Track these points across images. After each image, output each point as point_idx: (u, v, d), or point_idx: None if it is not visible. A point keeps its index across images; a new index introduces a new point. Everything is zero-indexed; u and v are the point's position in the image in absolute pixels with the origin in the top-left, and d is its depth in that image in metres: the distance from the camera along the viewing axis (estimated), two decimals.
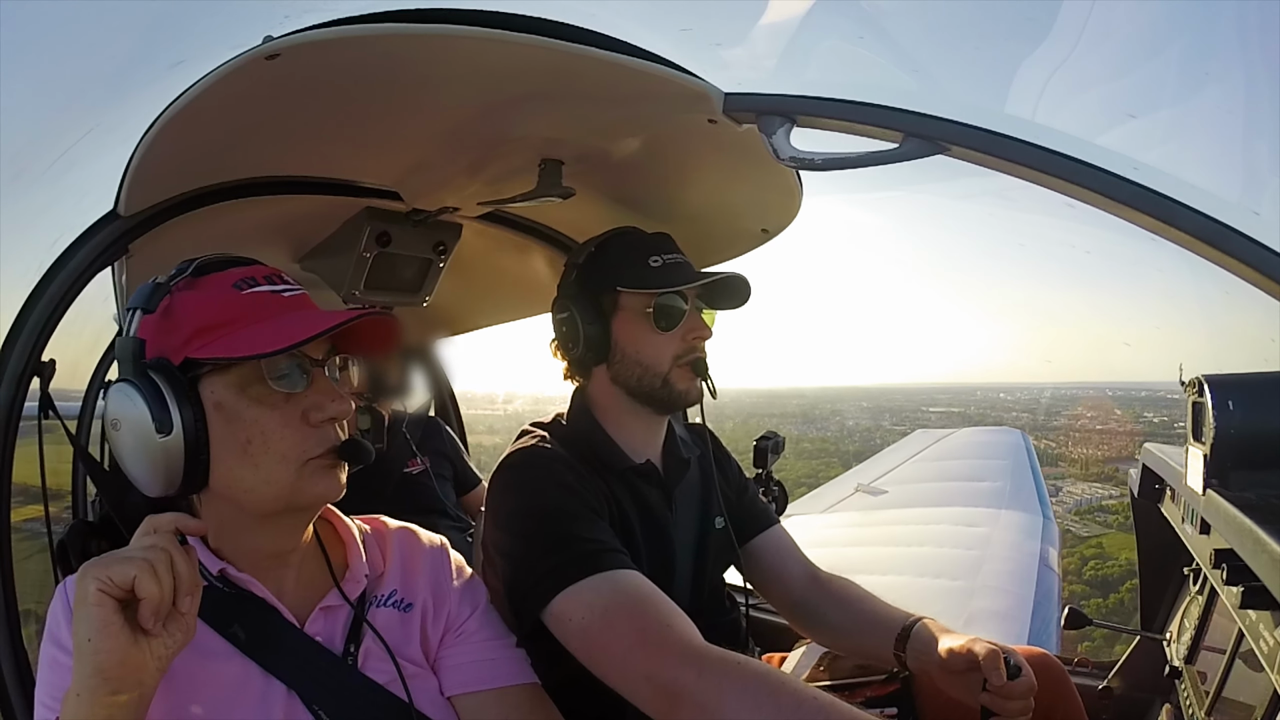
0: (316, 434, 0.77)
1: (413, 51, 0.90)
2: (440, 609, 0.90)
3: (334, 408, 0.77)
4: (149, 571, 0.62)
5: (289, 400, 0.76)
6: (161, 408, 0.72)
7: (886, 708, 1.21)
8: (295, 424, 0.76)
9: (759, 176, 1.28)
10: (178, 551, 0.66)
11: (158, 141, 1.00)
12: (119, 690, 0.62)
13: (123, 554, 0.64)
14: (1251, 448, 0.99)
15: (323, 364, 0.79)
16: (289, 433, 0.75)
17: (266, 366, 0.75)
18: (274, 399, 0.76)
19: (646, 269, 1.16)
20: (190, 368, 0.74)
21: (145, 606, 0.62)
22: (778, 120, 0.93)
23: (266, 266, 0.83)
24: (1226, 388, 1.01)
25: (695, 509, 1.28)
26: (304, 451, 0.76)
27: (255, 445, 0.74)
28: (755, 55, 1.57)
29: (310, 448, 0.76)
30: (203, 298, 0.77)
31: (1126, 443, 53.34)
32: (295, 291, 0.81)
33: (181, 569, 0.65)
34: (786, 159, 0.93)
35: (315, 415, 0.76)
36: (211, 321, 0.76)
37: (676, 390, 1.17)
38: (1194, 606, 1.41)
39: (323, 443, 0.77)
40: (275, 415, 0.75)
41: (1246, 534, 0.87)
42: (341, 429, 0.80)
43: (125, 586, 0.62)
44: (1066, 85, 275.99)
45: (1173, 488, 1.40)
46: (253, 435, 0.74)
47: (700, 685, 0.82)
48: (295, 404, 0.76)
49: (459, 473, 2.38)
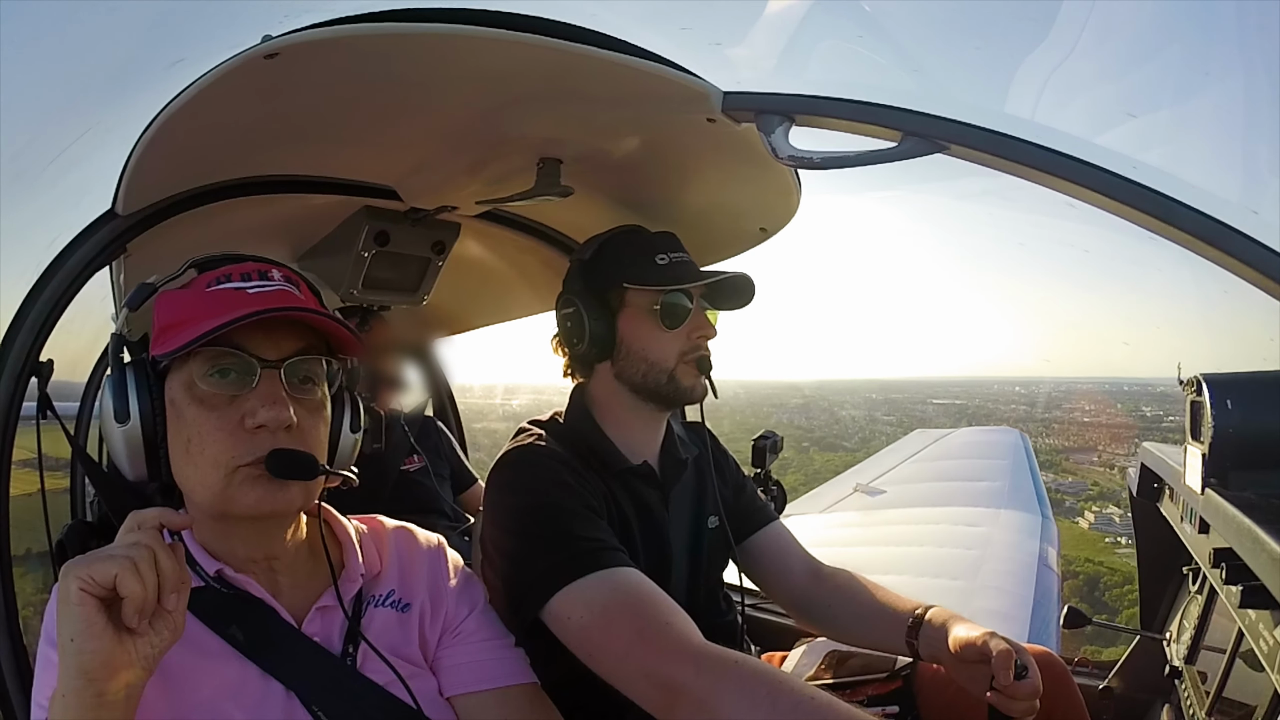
0: (249, 441, 0.73)
1: (411, 51, 0.90)
2: (438, 609, 0.90)
3: (265, 414, 0.73)
4: (131, 569, 0.61)
5: (232, 403, 0.74)
6: (121, 398, 0.73)
7: (888, 706, 1.21)
8: (231, 428, 0.73)
9: (757, 175, 1.28)
10: (162, 548, 0.64)
11: (156, 140, 1.00)
12: (104, 690, 0.61)
13: (105, 552, 0.63)
14: (1250, 447, 0.99)
15: (277, 365, 0.76)
16: (221, 436, 0.73)
17: (196, 364, 0.74)
18: (215, 400, 0.74)
19: (653, 266, 1.16)
20: (157, 364, 0.75)
21: (128, 605, 0.61)
22: (776, 119, 0.93)
23: (263, 263, 0.81)
24: (1225, 387, 1.01)
25: (691, 509, 1.28)
26: (232, 458, 0.73)
27: (194, 445, 0.73)
28: (754, 55, 1.56)
29: (239, 455, 0.73)
30: (174, 297, 0.78)
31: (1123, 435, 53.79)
32: (267, 288, 0.78)
33: (166, 566, 0.63)
34: (785, 158, 0.93)
35: (248, 420, 0.73)
36: (172, 319, 0.76)
37: (682, 387, 1.17)
38: (1194, 606, 1.41)
39: (252, 451, 0.73)
40: (212, 417, 0.73)
41: (1246, 533, 0.87)
42: (296, 437, 0.75)
43: (107, 585, 0.60)
44: (1066, 85, 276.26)
45: (1171, 487, 1.40)
46: (191, 435, 0.74)
47: (699, 682, 0.82)
48: (238, 407, 0.74)
49: (456, 471, 2.38)
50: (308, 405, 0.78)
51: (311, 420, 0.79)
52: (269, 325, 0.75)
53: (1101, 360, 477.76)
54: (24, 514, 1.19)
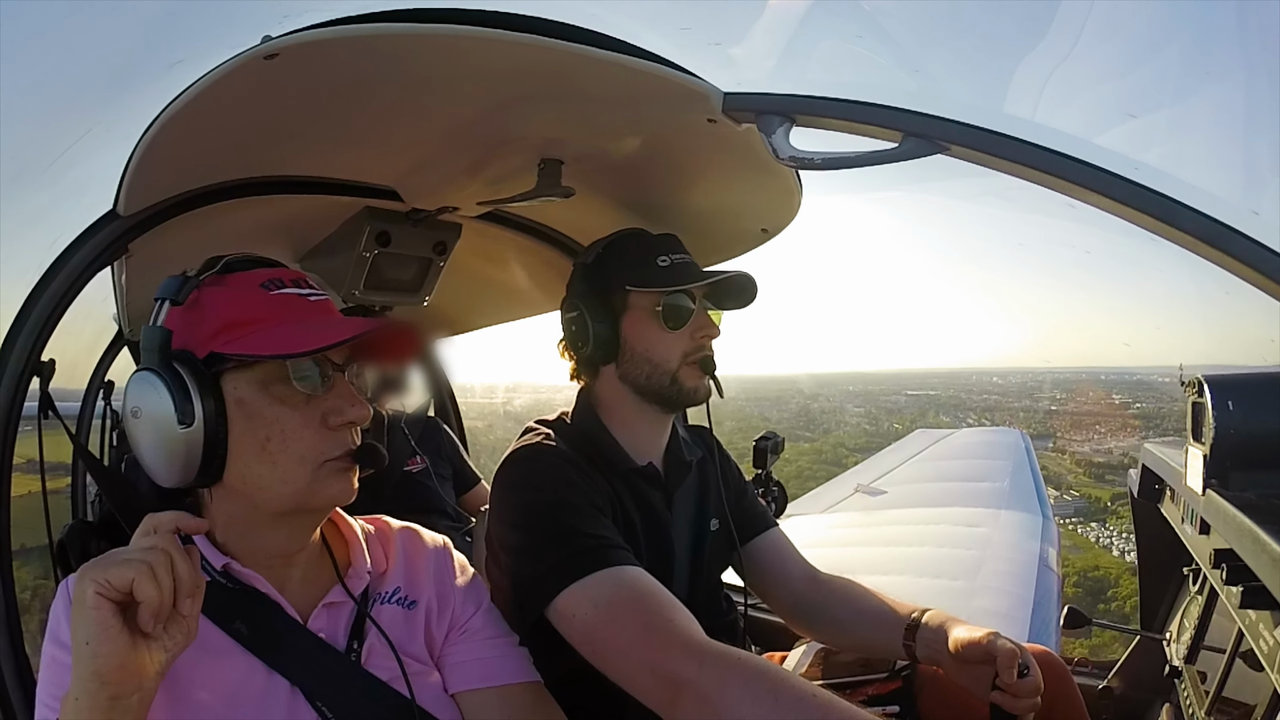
0: (334, 437, 0.78)
1: (412, 51, 0.90)
2: (444, 607, 0.90)
3: (353, 412, 0.78)
4: (148, 574, 0.61)
5: (309, 402, 0.77)
6: (185, 399, 0.72)
7: (888, 705, 1.21)
8: (314, 426, 0.77)
9: (758, 176, 1.28)
10: (178, 552, 0.65)
11: (157, 141, 1.00)
12: (118, 694, 0.61)
13: (121, 555, 0.63)
14: (1251, 448, 0.99)
15: (343, 369, 0.80)
16: (308, 434, 0.76)
17: (291, 367, 0.76)
18: (295, 399, 0.76)
19: (655, 268, 1.17)
20: (214, 362, 0.74)
21: (144, 610, 0.61)
22: (777, 120, 0.93)
23: (291, 270, 0.83)
24: (1226, 388, 1.01)
25: (694, 511, 1.28)
26: (321, 453, 0.77)
27: (274, 443, 0.75)
28: (755, 55, 1.54)
29: (328, 449, 0.77)
30: (231, 294, 0.78)
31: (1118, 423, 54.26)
32: (320, 296, 0.82)
33: (182, 570, 0.64)
34: (786, 159, 0.93)
35: (334, 419, 0.77)
36: (239, 318, 0.76)
37: (685, 388, 1.17)
38: (1194, 606, 1.41)
39: (340, 446, 0.78)
40: (295, 415, 0.76)
41: (1246, 534, 0.87)
42: (356, 434, 0.81)
43: (123, 589, 0.61)
44: (1066, 85, 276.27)
45: (1172, 488, 1.40)
46: (272, 433, 0.75)
47: (702, 678, 0.82)
48: (315, 406, 0.77)
49: (458, 472, 2.38)
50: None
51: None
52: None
53: (1099, 355, 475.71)
54: (23, 515, 1.19)
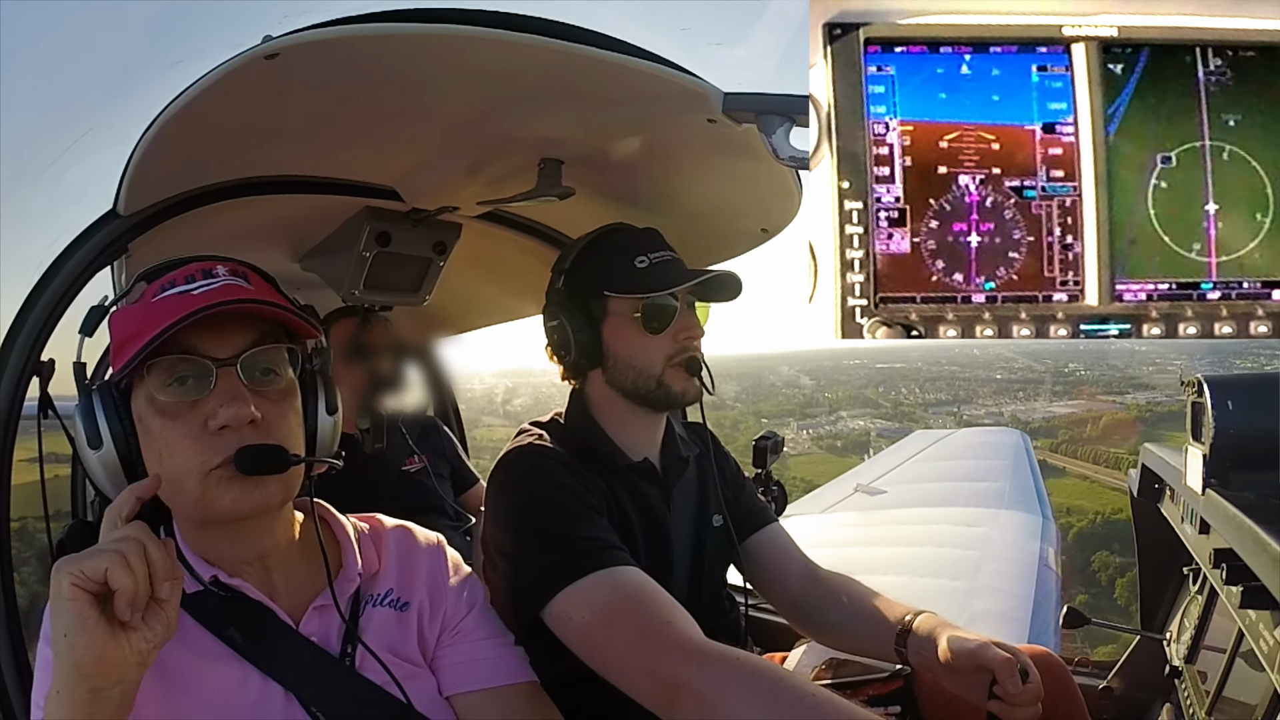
0: (215, 443, 0.72)
1: (412, 51, 0.90)
2: (437, 608, 0.90)
3: (225, 413, 0.71)
4: (120, 562, 0.61)
5: (193, 408, 0.73)
6: (91, 423, 0.72)
7: (890, 705, 1.21)
8: (196, 433, 0.72)
9: (758, 176, 1.28)
10: (150, 539, 0.64)
11: (157, 141, 1.00)
12: (99, 686, 0.61)
13: (95, 548, 0.63)
14: (1251, 448, 0.99)
15: (231, 362, 0.74)
16: (188, 444, 0.72)
17: (154, 377, 0.73)
18: (177, 408, 0.73)
19: (633, 271, 1.14)
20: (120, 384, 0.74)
21: (120, 597, 0.61)
22: (777, 120, 0.92)
23: (206, 261, 0.79)
24: (1226, 388, 1.01)
25: (693, 508, 1.28)
26: (202, 463, 0.72)
27: (165, 458, 0.73)
28: (755, 55, 1.54)
29: (209, 459, 0.72)
30: (125, 311, 0.77)
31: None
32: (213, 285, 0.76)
33: (155, 556, 0.63)
34: (786, 159, 0.93)
35: (211, 423, 0.72)
36: (124, 335, 0.75)
37: (673, 391, 1.16)
38: (1194, 606, 1.41)
39: (220, 453, 0.72)
40: (177, 426, 0.73)
41: (1246, 534, 0.87)
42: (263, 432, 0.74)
43: (98, 579, 0.60)
44: None
45: (1172, 488, 1.40)
46: (161, 448, 0.73)
47: (701, 680, 0.82)
48: (199, 411, 0.73)
49: (457, 471, 2.38)
50: (271, 397, 0.77)
51: (278, 411, 0.77)
52: (217, 323, 0.74)
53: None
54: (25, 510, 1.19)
